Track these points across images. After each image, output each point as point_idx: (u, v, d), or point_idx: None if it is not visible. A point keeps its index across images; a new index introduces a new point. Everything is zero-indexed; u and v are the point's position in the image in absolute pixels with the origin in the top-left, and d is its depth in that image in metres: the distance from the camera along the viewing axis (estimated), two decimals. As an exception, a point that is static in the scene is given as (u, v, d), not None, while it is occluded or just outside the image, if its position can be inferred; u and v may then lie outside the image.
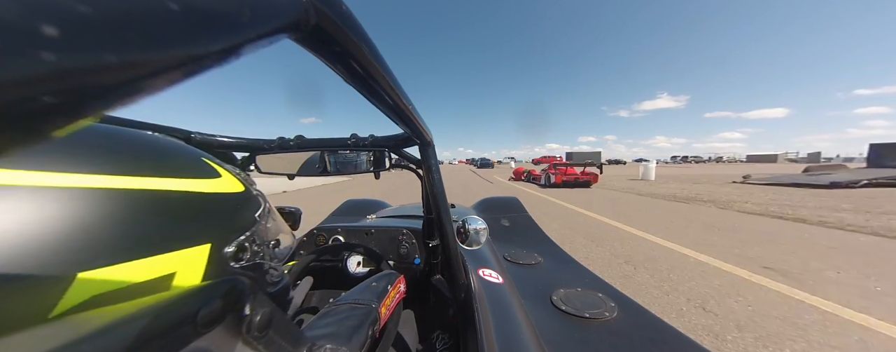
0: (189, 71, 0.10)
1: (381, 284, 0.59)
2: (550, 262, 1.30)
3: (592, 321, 0.81)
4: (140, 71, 0.09)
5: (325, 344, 0.34)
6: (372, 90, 0.27)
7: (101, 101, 0.08)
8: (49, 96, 0.07)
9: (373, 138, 0.75)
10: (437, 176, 0.63)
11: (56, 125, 0.08)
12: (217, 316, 0.21)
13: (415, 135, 0.52)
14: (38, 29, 0.07)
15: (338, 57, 0.21)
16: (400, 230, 1.10)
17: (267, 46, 0.13)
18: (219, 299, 0.21)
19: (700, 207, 6.32)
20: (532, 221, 1.94)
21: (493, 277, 0.94)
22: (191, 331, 0.19)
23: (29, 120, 0.07)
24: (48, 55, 0.07)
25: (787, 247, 3.41)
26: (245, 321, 0.23)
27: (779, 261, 2.96)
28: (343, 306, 0.49)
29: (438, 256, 1.00)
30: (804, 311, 2.00)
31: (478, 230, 0.88)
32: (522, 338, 0.64)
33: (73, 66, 0.07)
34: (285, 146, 0.75)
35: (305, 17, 0.15)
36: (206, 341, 0.20)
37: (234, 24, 0.11)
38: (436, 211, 0.65)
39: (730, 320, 1.88)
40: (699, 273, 2.66)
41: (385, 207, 2.27)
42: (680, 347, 0.72)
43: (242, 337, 0.23)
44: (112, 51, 0.08)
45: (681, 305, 2.08)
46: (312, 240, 1.15)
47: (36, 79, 0.07)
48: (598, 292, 0.96)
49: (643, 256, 3.13)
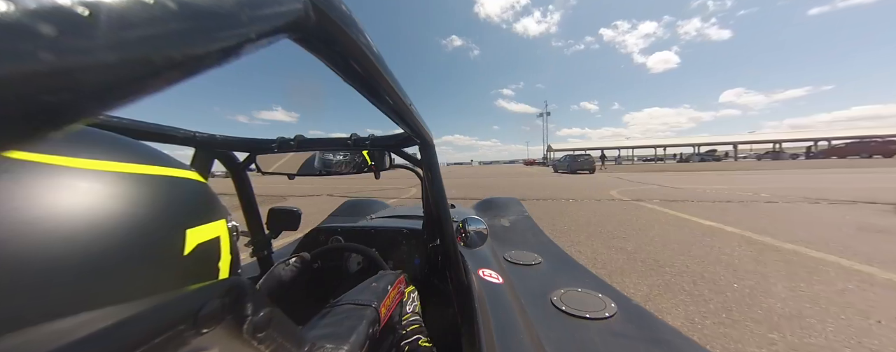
0: (189, 71, 0.10)
1: (381, 284, 0.59)
2: (550, 262, 1.30)
3: (592, 322, 0.81)
4: (141, 71, 0.09)
5: (325, 344, 0.34)
6: (372, 90, 0.27)
7: (101, 101, 0.08)
8: (49, 96, 0.07)
9: (373, 138, 0.75)
10: (437, 176, 0.63)
11: (56, 124, 0.08)
12: (217, 316, 0.21)
13: (415, 135, 0.52)
14: (37, 29, 0.07)
15: (338, 57, 0.21)
16: (400, 231, 1.10)
17: (267, 46, 0.13)
18: (219, 299, 0.21)
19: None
20: (532, 221, 1.94)
21: (493, 277, 0.94)
22: (191, 331, 0.19)
23: (29, 119, 0.07)
24: (48, 55, 0.07)
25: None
26: (245, 321, 0.23)
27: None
28: (343, 306, 0.49)
29: (438, 257, 1.00)
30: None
31: (478, 231, 0.88)
32: (522, 338, 0.64)
33: (73, 66, 0.07)
34: (285, 146, 0.75)
35: (305, 17, 0.15)
36: (206, 341, 0.20)
37: (233, 24, 0.11)
38: (436, 211, 0.65)
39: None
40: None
41: (385, 207, 2.27)
42: (680, 347, 0.72)
43: (242, 337, 0.23)
44: (112, 51, 0.08)
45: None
46: (313, 240, 1.15)
47: (36, 78, 0.07)
48: (597, 293, 0.96)
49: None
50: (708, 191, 6.99)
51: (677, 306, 1.73)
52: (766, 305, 1.72)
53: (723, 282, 2.02)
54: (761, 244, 2.79)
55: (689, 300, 1.79)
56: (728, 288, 1.93)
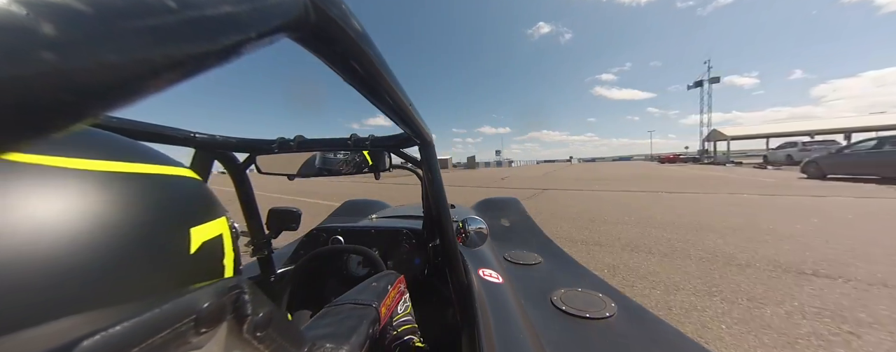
0: (189, 71, 0.10)
1: (381, 284, 0.59)
2: (550, 262, 1.30)
3: (592, 321, 0.81)
4: (140, 71, 0.09)
5: (325, 344, 0.34)
6: (372, 90, 0.27)
7: (101, 101, 0.08)
8: (50, 96, 0.07)
9: (373, 138, 0.75)
10: (437, 176, 0.63)
11: (56, 124, 0.08)
12: (217, 316, 0.21)
13: (415, 135, 0.52)
14: (38, 29, 0.07)
15: (338, 57, 0.21)
16: (400, 231, 1.10)
17: (267, 46, 0.13)
18: (219, 298, 0.21)
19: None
20: (532, 221, 1.94)
21: (493, 277, 0.94)
22: (191, 331, 0.19)
23: (29, 119, 0.07)
24: (48, 55, 0.07)
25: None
26: (245, 321, 0.23)
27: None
28: (343, 306, 0.49)
29: (439, 257, 1.00)
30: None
31: (478, 231, 0.88)
32: (522, 338, 0.64)
33: (73, 66, 0.07)
34: (285, 147, 0.75)
35: (305, 16, 0.15)
36: (206, 341, 0.20)
37: (233, 23, 0.11)
38: (436, 211, 0.65)
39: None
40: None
41: (385, 207, 2.27)
42: (680, 347, 0.72)
43: (243, 337, 0.23)
44: (112, 51, 0.08)
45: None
46: (313, 240, 1.15)
47: (36, 78, 0.07)
48: (598, 293, 0.96)
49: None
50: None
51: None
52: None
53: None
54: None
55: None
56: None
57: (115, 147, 0.24)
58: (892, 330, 1.55)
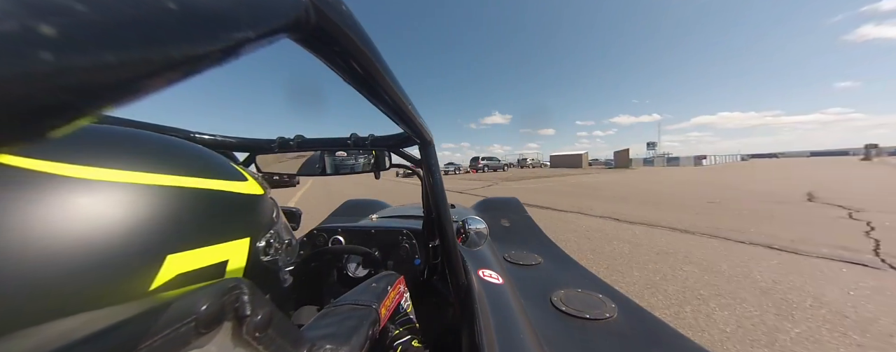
0: (189, 71, 0.10)
1: (380, 284, 0.59)
2: (550, 263, 1.30)
3: (592, 322, 0.81)
4: (140, 71, 0.09)
5: (325, 344, 0.34)
6: (372, 90, 0.27)
7: (101, 100, 0.08)
8: (48, 95, 0.07)
9: (373, 138, 0.75)
10: (437, 176, 0.63)
11: (55, 124, 0.08)
12: (217, 316, 0.21)
13: (415, 135, 0.52)
14: (37, 29, 0.07)
15: (338, 57, 0.21)
16: (400, 231, 1.10)
17: (267, 46, 0.13)
18: (219, 299, 0.21)
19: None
20: (532, 221, 1.94)
21: (493, 277, 0.94)
22: (191, 331, 0.19)
23: (28, 119, 0.07)
24: (47, 55, 0.07)
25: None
26: (245, 321, 0.23)
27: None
28: (343, 306, 0.49)
29: (439, 257, 1.00)
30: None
31: (478, 231, 0.88)
32: (522, 338, 0.64)
33: (73, 66, 0.07)
34: (285, 146, 0.75)
35: (305, 16, 0.15)
36: (205, 341, 0.20)
37: (233, 23, 0.11)
38: (436, 211, 0.65)
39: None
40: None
41: (385, 207, 2.27)
42: (680, 347, 0.72)
43: (242, 337, 0.23)
44: (111, 51, 0.08)
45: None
46: (312, 240, 1.15)
47: (35, 78, 0.07)
48: (598, 293, 0.96)
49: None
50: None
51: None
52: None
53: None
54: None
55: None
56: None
57: (141, 155, 0.24)
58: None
